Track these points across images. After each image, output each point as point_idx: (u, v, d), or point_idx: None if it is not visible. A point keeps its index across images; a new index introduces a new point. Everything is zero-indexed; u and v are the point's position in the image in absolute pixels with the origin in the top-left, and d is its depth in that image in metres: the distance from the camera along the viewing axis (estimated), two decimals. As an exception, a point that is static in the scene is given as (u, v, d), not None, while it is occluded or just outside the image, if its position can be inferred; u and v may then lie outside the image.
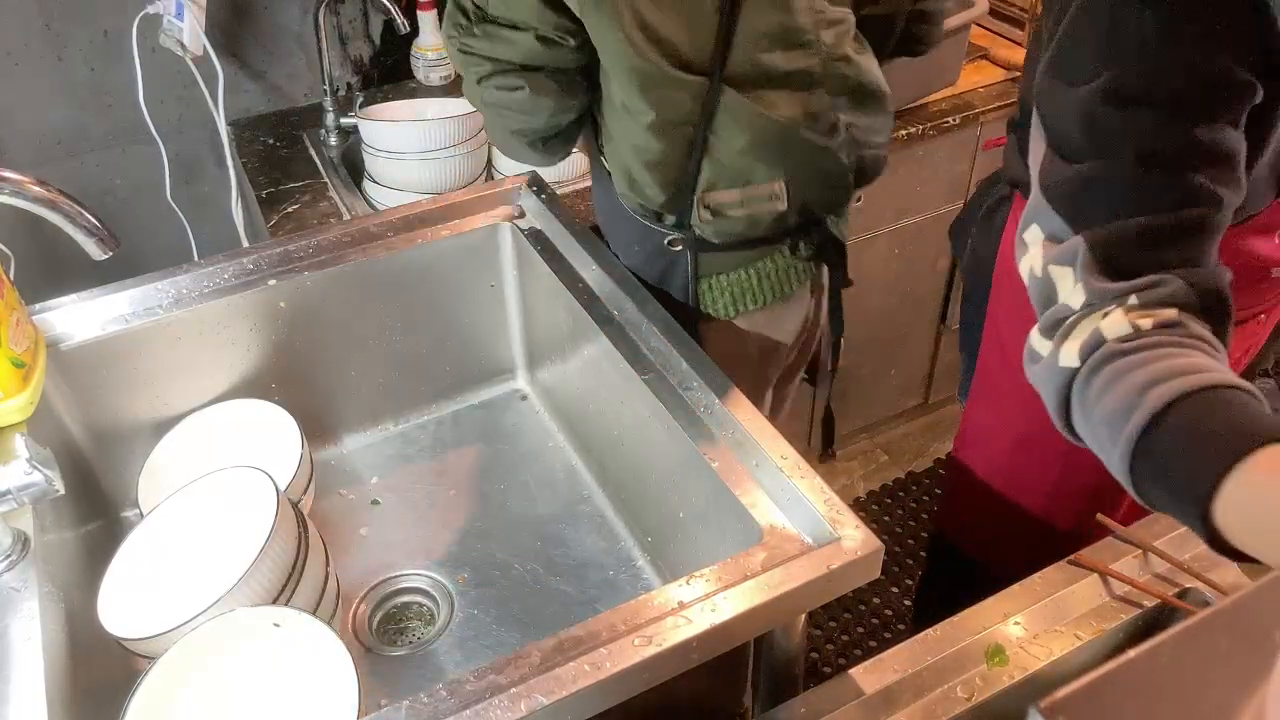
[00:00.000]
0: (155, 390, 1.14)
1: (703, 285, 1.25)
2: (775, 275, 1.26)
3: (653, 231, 1.23)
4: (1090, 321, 0.72)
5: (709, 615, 0.77)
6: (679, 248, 1.23)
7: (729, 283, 1.25)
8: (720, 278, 1.25)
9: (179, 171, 1.83)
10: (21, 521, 0.90)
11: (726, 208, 1.18)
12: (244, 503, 0.98)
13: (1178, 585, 0.89)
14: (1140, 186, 0.74)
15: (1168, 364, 0.66)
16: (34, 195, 0.93)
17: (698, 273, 1.24)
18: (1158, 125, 0.74)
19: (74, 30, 1.67)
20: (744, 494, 0.89)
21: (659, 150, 1.14)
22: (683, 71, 1.09)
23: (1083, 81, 0.77)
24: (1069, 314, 0.74)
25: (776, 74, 1.12)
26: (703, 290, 1.25)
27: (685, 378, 1.00)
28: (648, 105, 1.10)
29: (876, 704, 0.80)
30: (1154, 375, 0.66)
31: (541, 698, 0.71)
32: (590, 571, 1.13)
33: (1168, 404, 0.64)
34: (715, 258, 1.23)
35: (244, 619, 0.87)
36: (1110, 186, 0.75)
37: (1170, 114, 0.74)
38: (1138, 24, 0.74)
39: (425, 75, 1.96)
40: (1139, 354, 0.68)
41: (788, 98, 1.14)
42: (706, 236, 1.21)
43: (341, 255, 1.19)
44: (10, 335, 0.93)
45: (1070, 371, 0.72)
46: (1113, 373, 0.69)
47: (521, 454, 1.28)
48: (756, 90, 1.12)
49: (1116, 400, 0.67)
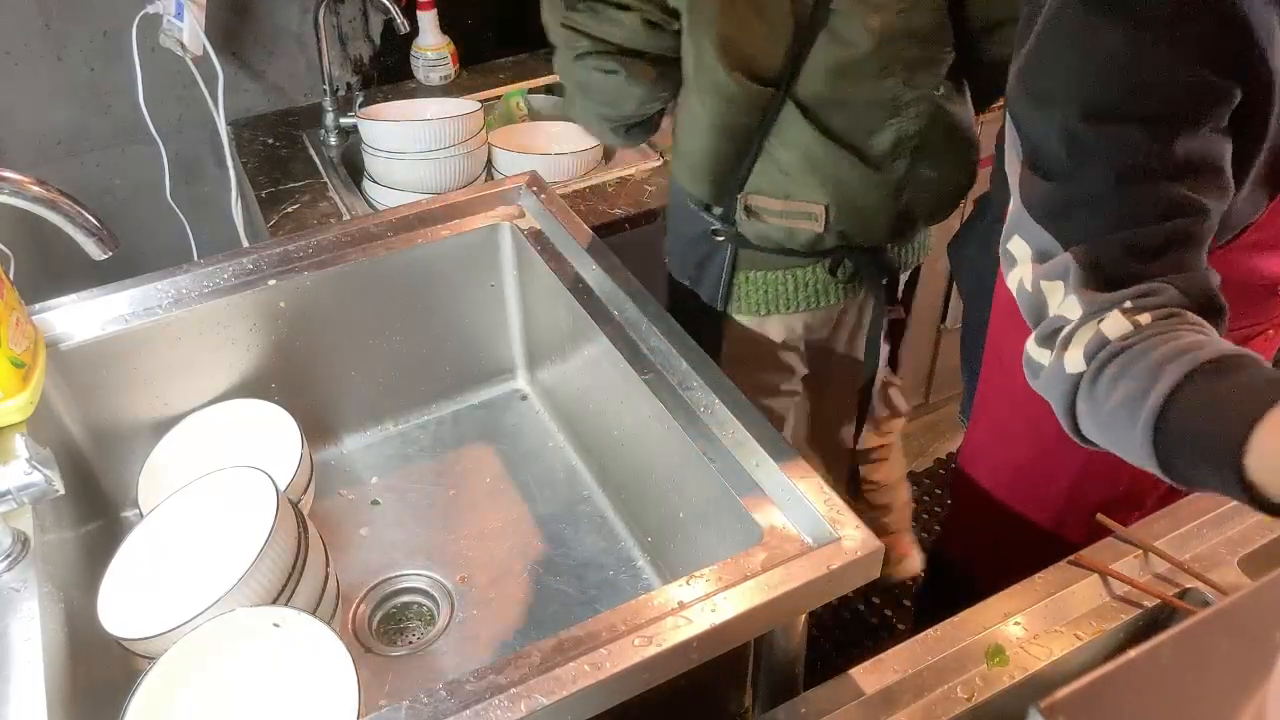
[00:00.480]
0: (155, 390, 1.14)
1: (738, 278, 1.28)
2: (810, 285, 1.28)
3: (701, 219, 1.27)
4: (1089, 328, 0.73)
5: (709, 615, 0.77)
6: (721, 238, 1.26)
7: (763, 281, 1.27)
8: (755, 274, 1.27)
9: (179, 171, 1.83)
10: (21, 521, 0.90)
11: (765, 214, 1.21)
12: (244, 503, 0.98)
13: (1178, 585, 0.89)
14: (1124, 202, 0.74)
15: (1175, 345, 0.67)
16: (34, 195, 0.93)
17: (735, 265, 1.27)
18: (1137, 140, 0.73)
19: (74, 30, 1.68)
20: (744, 494, 0.89)
21: (715, 147, 1.17)
22: (752, 81, 1.10)
23: (1058, 100, 0.76)
24: (1065, 324, 0.75)
25: (845, 100, 1.12)
26: (737, 283, 1.28)
27: (685, 378, 1.00)
28: (714, 105, 1.13)
29: (876, 704, 0.80)
30: (1165, 355, 0.67)
31: (541, 698, 0.71)
32: (590, 571, 1.13)
33: (1186, 374, 0.65)
34: (754, 255, 1.26)
35: (244, 619, 0.87)
36: (1094, 204, 0.75)
37: (1148, 128, 0.73)
38: (1106, 39, 0.73)
39: (425, 75, 1.96)
40: (1145, 342, 0.69)
41: (850, 125, 1.14)
42: (746, 235, 1.23)
43: (341, 255, 1.19)
44: (10, 335, 0.93)
45: (1077, 375, 0.73)
46: (1121, 364, 0.70)
47: (521, 454, 1.28)
48: (821, 111, 1.13)
49: (1131, 385, 0.68)
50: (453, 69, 1.98)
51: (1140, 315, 0.71)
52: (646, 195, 1.63)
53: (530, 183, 1.28)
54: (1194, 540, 0.92)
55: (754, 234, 1.23)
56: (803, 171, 1.17)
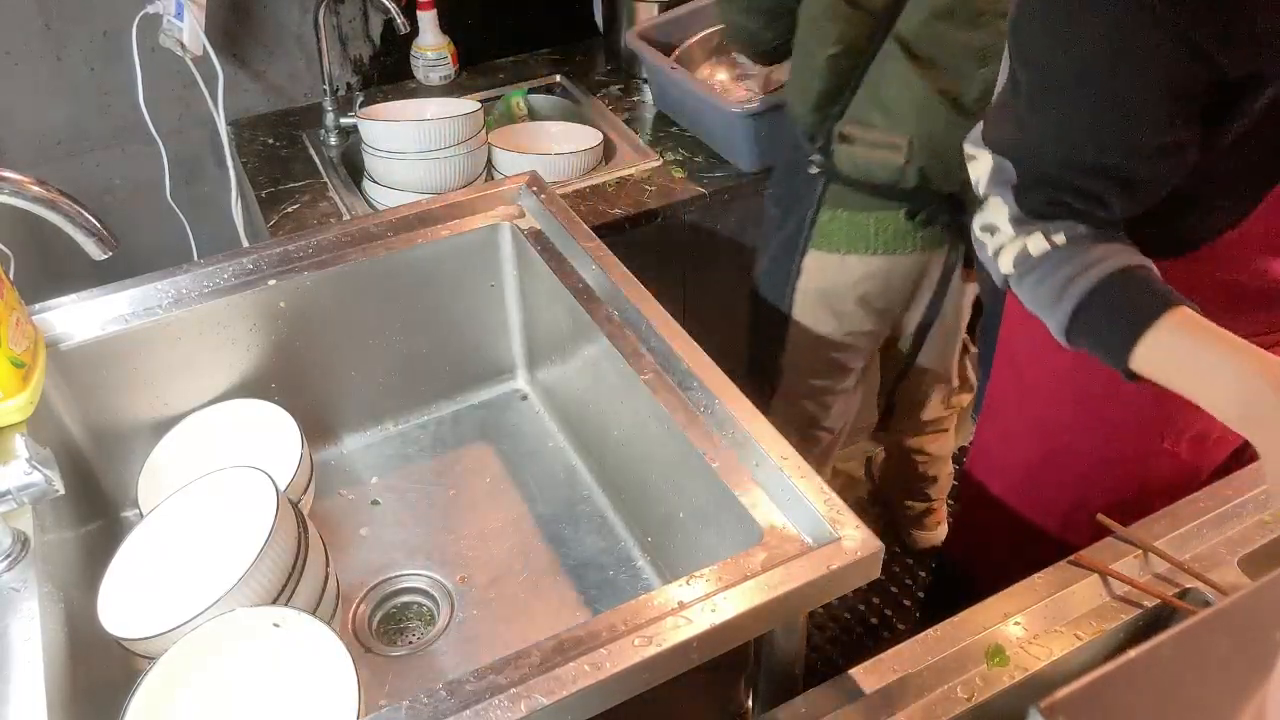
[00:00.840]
0: (155, 390, 1.14)
1: (824, 215, 1.38)
2: (889, 230, 1.36)
3: (801, 151, 1.37)
4: (1017, 242, 0.86)
5: (709, 615, 0.77)
6: (815, 171, 1.35)
7: (847, 220, 1.36)
8: (841, 212, 1.36)
9: (179, 171, 1.83)
10: (21, 521, 0.90)
11: (857, 142, 1.30)
12: (244, 503, 0.98)
13: (1178, 585, 0.89)
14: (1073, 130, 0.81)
15: (1081, 259, 0.82)
16: (34, 195, 0.93)
17: (823, 201, 1.37)
18: (1100, 78, 0.77)
19: (74, 30, 1.68)
20: (744, 494, 0.89)
21: (822, 73, 1.27)
22: (857, 11, 1.21)
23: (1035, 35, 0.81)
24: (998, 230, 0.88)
25: (940, 43, 1.20)
26: (822, 219, 1.38)
27: (685, 378, 1.00)
28: (824, 31, 1.23)
29: (876, 704, 0.80)
30: (1071, 272, 0.83)
31: (541, 698, 0.71)
32: (590, 571, 1.13)
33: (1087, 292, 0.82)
34: (843, 192, 1.35)
35: (244, 619, 0.87)
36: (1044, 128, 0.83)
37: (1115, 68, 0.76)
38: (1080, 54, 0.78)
39: (425, 75, 1.96)
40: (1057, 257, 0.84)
41: (942, 69, 1.21)
42: (840, 166, 1.32)
43: (341, 255, 1.19)
44: (10, 335, 0.93)
45: (1004, 276, 0.89)
46: (1038, 276, 0.85)
47: (521, 454, 1.28)
48: (919, 51, 1.21)
49: (1045, 294, 0.85)
50: (453, 69, 1.98)
51: (1056, 236, 0.84)
52: (646, 195, 1.63)
53: (530, 183, 1.28)
54: (1194, 540, 0.92)
55: (845, 163, 1.32)
56: (895, 105, 1.26)
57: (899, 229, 1.36)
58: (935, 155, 1.27)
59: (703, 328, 1.11)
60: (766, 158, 1.66)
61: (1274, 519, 0.94)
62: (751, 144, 1.65)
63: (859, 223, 1.37)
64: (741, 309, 1.85)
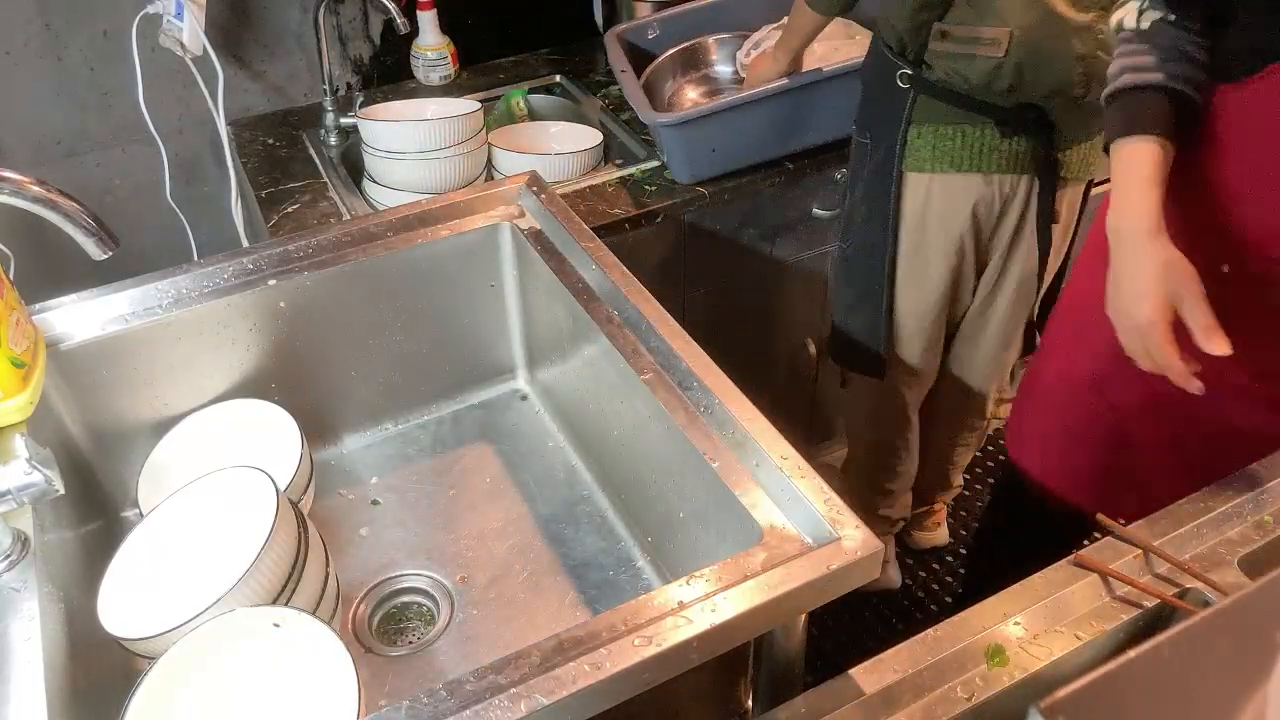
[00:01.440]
0: (155, 390, 1.14)
1: (913, 132, 1.40)
2: (978, 145, 1.38)
3: (892, 64, 1.39)
4: (1124, 8, 1.06)
5: (709, 615, 0.77)
6: (905, 85, 1.38)
7: (935, 135, 1.39)
8: (928, 128, 1.39)
9: (179, 171, 1.83)
10: (21, 521, 0.90)
11: (953, 40, 1.32)
12: (244, 503, 0.98)
13: (1178, 585, 0.89)
14: None
15: (1134, 60, 1.03)
16: (34, 195, 0.93)
17: (912, 116, 1.40)
18: None
19: (73, 30, 1.68)
20: (744, 494, 0.89)
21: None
22: None
23: None
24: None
25: None
26: (911, 136, 1.40)
27: (685, 378, 1.00)
28: None
29: (876, 704, 0.80)
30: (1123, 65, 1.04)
31: (541, 698, 0.71)
32: (590, 571, 1.13)
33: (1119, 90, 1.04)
34: (932, 105, 1.38)
35: (244, 619, 0.87)
36: None
37: None
38: None
39: (425, 75, 1.96)
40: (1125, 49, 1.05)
41: None
42: (934, 71, 1.36)
43: (341, 255, 1.19)
44: (10, 335, 0.93)
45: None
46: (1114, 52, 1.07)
47: (521, 454, 1.28)
48: None
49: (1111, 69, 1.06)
50: (453, 69, 1.98)
51: (1143, 19, 1.04)
52: (646, 195, 1.63)
53: (530, 183, 1.28)
54: (1194, 540, 0.92)
55: (940, 65, 1.34)
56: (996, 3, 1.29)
57: (985, 144, 1.38)
58: (1032, 51, 1.30)
59: (703, 328, 1.11)
60: (699, 172, 1.63)
61: (1274, 519, 0.94)
62: (681, 156, 1.62)
63: (945, 137, 1.39)
64: (742, 309, 1.85)
